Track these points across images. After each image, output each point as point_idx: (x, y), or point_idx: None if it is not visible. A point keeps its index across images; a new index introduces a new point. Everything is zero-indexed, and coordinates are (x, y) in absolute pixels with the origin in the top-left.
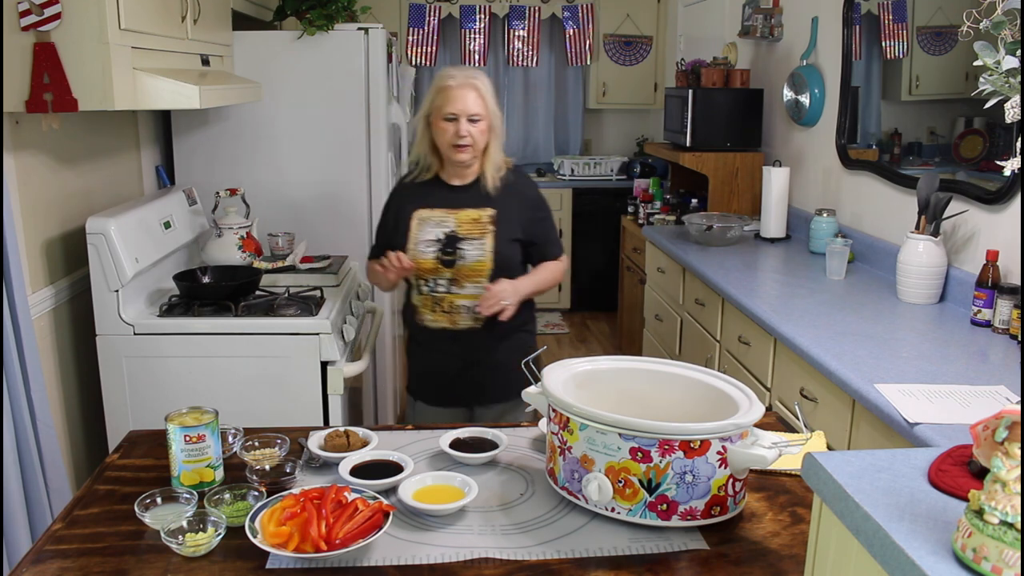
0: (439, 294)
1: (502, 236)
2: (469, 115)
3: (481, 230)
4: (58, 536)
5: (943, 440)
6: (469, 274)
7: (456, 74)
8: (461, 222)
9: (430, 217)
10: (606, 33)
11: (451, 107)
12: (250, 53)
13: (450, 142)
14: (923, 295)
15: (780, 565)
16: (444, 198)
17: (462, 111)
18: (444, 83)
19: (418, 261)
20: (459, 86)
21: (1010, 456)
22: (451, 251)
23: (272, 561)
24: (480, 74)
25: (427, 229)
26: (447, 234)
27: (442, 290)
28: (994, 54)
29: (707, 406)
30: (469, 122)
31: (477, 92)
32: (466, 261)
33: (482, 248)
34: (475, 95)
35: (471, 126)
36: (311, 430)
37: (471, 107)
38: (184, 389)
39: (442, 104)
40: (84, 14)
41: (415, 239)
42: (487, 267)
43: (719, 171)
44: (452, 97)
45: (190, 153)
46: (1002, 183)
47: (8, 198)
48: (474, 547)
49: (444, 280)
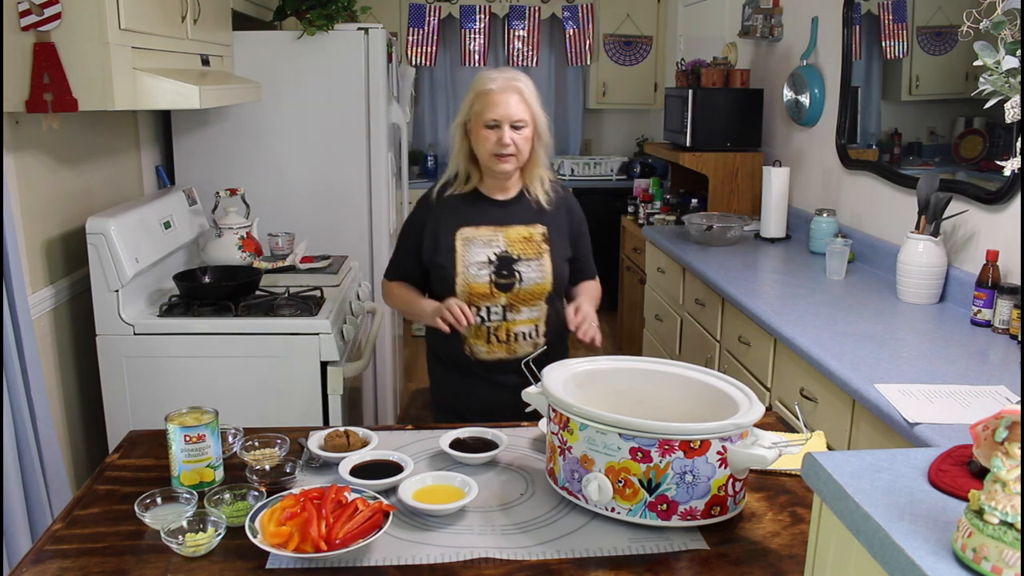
0: (494, 323)
1: (557, 254)
2: (513, 121)
3: (536, 249)
4: (58, 536)
5: (943, 440)
6: (527, 298)
7: (497, 76)
8: (511, 241)
9: (476, 236)
10: (606, 33)
11: (492, 113)
12: (250, 53)
13: (491, 151)
14: (923, 295)
15: (780, 565)
16: (489, 214)
17: (504, 117)
18: (484, 87)
19: (471, 286)
20: (501, 90)
21: (1010, 456)
22: (507, 274)
23: (272, 561)
24: (523, 75)
25: (475, 250)
26: (499, 255)
27: (497, 318)
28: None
29: (707, 406)
30: (513, 129)
31: (520, 96)
32: (524, 284)
33: (540, 269)
34: (518, 99)
35: (515, 133)
36: (311, 430)
37: (514, 112)
38: (184, 389)
39: (482, 110)
40: (84, 14)
41: (463, 261)
42: (546, 289)
43: (719, 171)
44: (493, 102)
45: (190, 153)
46: (1002, 183)
47: (8, 198)
48: (474, 547)
49: (499, 307)
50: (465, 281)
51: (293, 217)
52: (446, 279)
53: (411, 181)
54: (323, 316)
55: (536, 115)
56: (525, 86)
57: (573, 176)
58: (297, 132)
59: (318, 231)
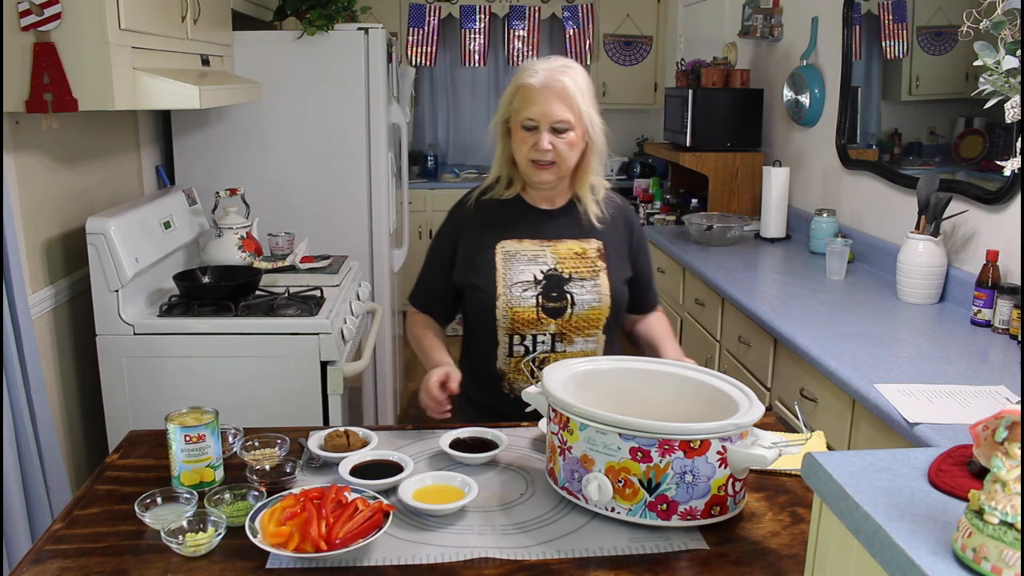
0: (540, 354)
1: (616, 274)
2: (553, 122)
3: (590, 267)
4: (58, 536)
5: (943, 440)
6: (581, 326)
7: (540, 69)
8: (562, 257)
9: (519, 251)
10: (606, 33)
11: (529, 111)
12: (250, 53)
13: (528, 157)
14: (923, 295)
15: (780, 565)
16: (534, 226)
17: (543, 117)
18: (523, 80)
19: (515, 311)
20: (542, 85)
21: (1010, 456)
22: (557, 296)
23: (272, 561)
24: (573, 67)
25: (518, 267)
26: (547, 273)
27: (544, 349)
28: (994, 54)
29: (707, 406)
30: (553, 132)
31: (565, 93)
32: (578, 309)
33: (597, 291)
34: (562, 96)
35: (556, 137)
36: (311, 430)
37: (555, 112)
38: (184, 389)
39: (520, 107)
40: (84, 14)
41: (505, 280)
42: (604, 315)
43: (719, 171)
44: (532, 98)
45: (190, 153)
46: (1002, 183)
47: (8, 198)
48: (474, 547)
49: (547, 336)
50: (508, 305)
51: (293, 217)
52: (484, 303)
53: (411, 181)
54: (323, 316)
55: (585, 116)
56: (573, 81)
57: None
58: (297, 132)
59: (318, 231)
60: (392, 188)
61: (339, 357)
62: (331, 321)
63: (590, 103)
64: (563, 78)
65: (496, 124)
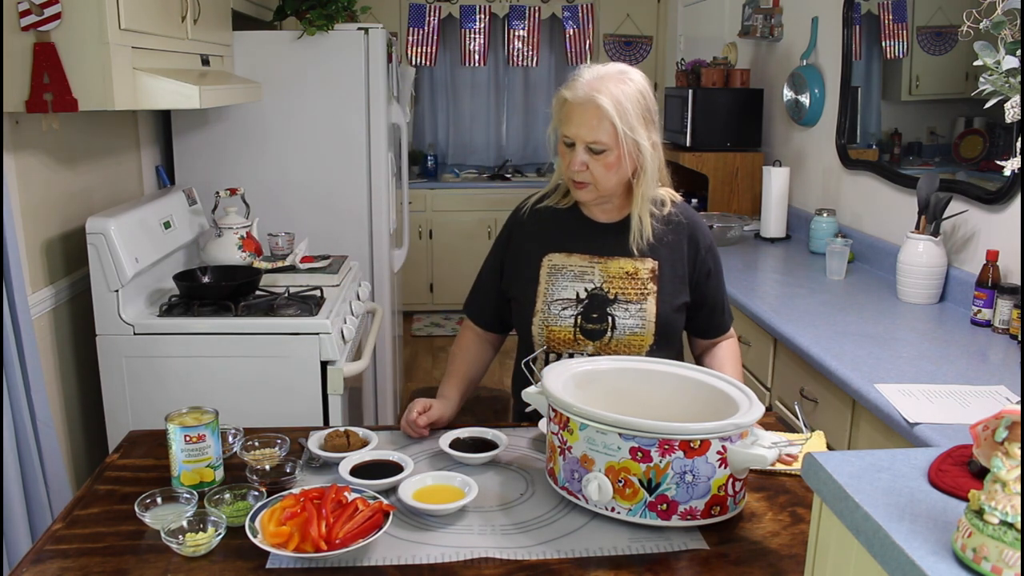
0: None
1: (667, 300)
2: (587, 143)
3: (639, 290)
4: (58, 536)
5: (943, 440)
6: (620, 350)
7: (583, 80)
8: (611, 276)
9: (566, 266)
10: (606, 33)
11: (565, 128)
12: (250, 53)
13: (567, 174)
14: (923, 295)
15: (780, 565)
16: (586, 240)
17: (577, 136)
18: (565, 93)
19: (551, 329)
20: (578, 102)
21: (1010, 456)
22: (598, 317)
23: (272, 561)
24: (615, 82)
25: (562, 283)
26: (591, 292)
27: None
28: (994, 54)
29: (707, 406)
30: (589, 152)
31: (599, 112)
32: (619, 333)
33: (641, 316)
34: (599, 116)
35: (592, 158)
36: (311, 430)
37: (589, 134)
38: (184, 389)
39: (560, 122)
40: (84, 14)
41: (546, 295)
42: (647, 342)
43: (719, 171)
44: (568, 115)
45: (190, 153)
46: (1002, 183)
47: (8, 198)
48: (474, 547)
49: (584, 356)
50: (544, 322)
51: (293, 217)
52: (523, 317)
53: (411, 181)
54: (323, 316)
55: (624, 138)
56: (611, 99)
57: None
58: (297, 132)
59: (318, 231)
60: (392, 188)
61: (339, 357)
62: (331, 321)
63: (636, 123)
64: (600, 97)
65: (553, 130)
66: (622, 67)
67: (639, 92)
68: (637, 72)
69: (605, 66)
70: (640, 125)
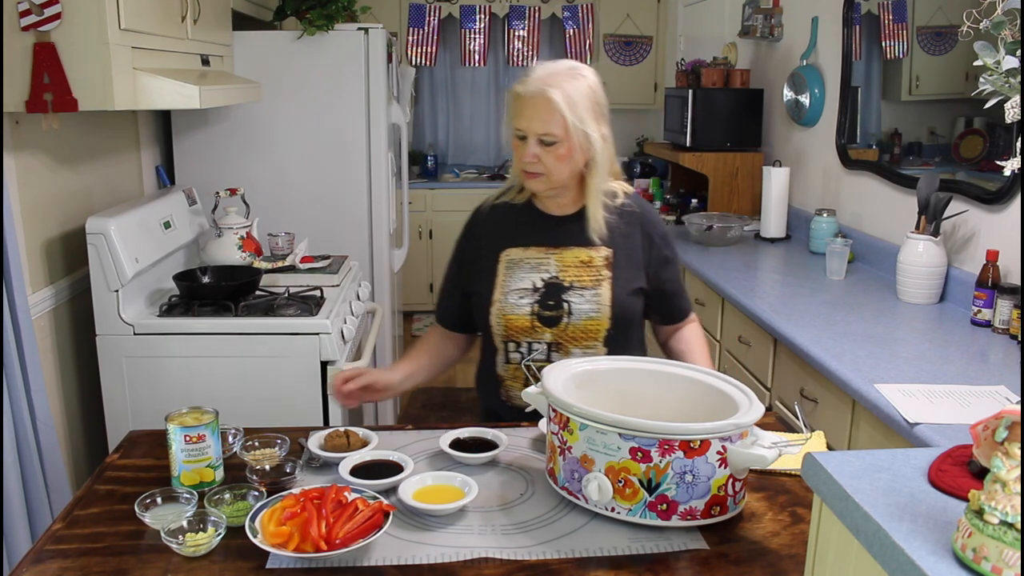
0: (536, 363)
1: (622, 285)
2: (538, 135)
3: (594, 277)
4: (58, 536)
5: (943, 440)
6: (578, 336)
7: (535, 76)
8: (566, 265)
9: (524, 259)
10: (606, 33)
11: (517, 122)
12: (250, 53)
13: (520, 165)
14: (923, 295)
15: (780, 565)
16: (541, 232)
17: (529, 129)
18: (517, 88)
19: (508, 318)
20: (529, 95)
21: (1010, 456)
22: (554, 304)
23: (272, 561)
24: (567, 77)
25: (519, 274)
26: (547, 281)
27: (539, 357)
28: (994, 54)
29: (707, 406)
30: (541, 144)
31: (551, 106)
32: (574, 318)
33: (596, 301)
34: (549, 108)
35: (543, 150)
36: (311, 430)
37: (540, 126)
38: (184, 389)
39: (512, 116)
40: (84, 14)
41: (503, 286)
42: (603, 326)
43: (719, 171)
44: (520, 108)
45: (190, 153)
46: (1002, 183)
47: (8, 198)
48: (474, 547)
49: (542, 344)
50: (501, 312)
51: (293, 217)
52: (481, 308)
53: (411, 181)
54: (323, 316)
55: (574, 129)
56: (563, 94)
57: None
58: (297, 132)
59: (318, 231)
60: (392, 188)
61: (339, 357)
62: (331, 321)
63: (586, 115)
64: (552, 91)
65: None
66: (573, 63)
67: (589, 87)
68: (588, 69)
69: (556, 63)
70: (590, 118)
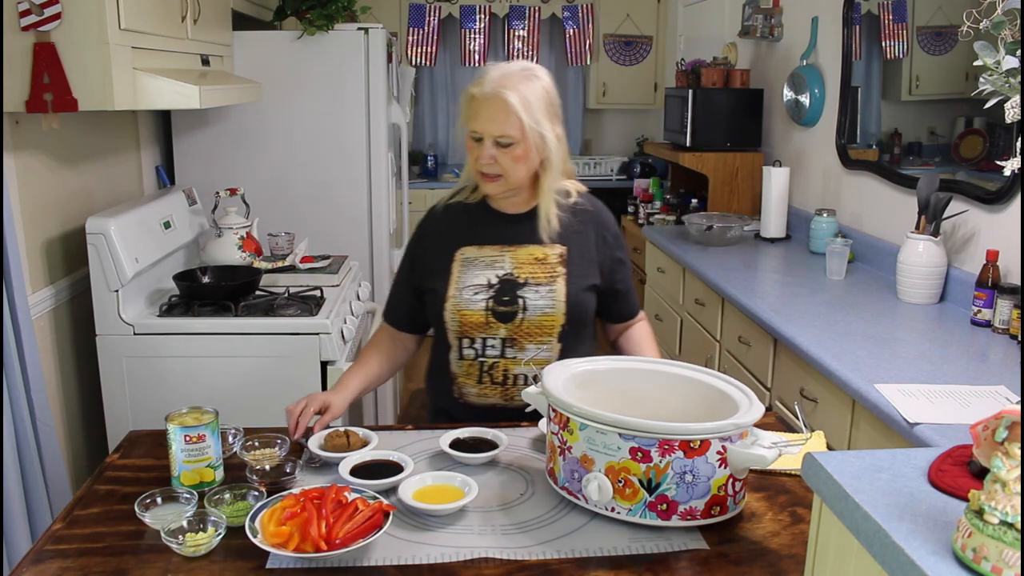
0: (489, 359)
1: (576, 281)
2: (495, 137)
3: (549, 273)
4: (58, 536)
5: (943, 440)
6: (533, 331)
7: (487, 79)
8: (520, 262)
9: (478, 257)
10: (606, 33)
11: (473, 124)
12: (250, 53)
13: (476, 167)
14: (923, 295)
15: (780, 565)
16: (496, 231)
17: (485, 132)
18: (472, 89)
19: (462, 313)
20: (485, 97)
21: (1010, 456)
22: (509, 300)
23: (272, 561)
24: (521, 79)
25: (474, 272)
26: (502, 278)
27: (493, 353)
28: (994, 54)
29: (707, 406)
30: (497, 146)
31: (507, 108)
32: (529, 314)
33: (551, 297)
34: (506, 110)
35: (500, 151)
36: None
37: (496, 128)
38: (184, 389)
39: (467, 118)
40: (84, 14)
41: (457, 284)
42: (558, 322)
43: (719, 171)
44: (476, 110)
45: (190, 153)
46: (1002, 183)
47: (8, 198)
48: (474, 547)
49: (496, 340)
50: (456, 307)
51: (293, 217)
52: (435, 306)
53: (411, 181)
54: (323, 316)
55: (530, 131)
56: (519, 95)
57: None
58: (297, 132)
59: (318, 231)
60: (392, 188)
61: (339, 357)
62: (331, 321)
63: (541, 116)
64: (508, 93)
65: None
66: (526, 64)
67: (544, 88)
68: (542, 69)
69: (510, 64)
70: (545, 119)
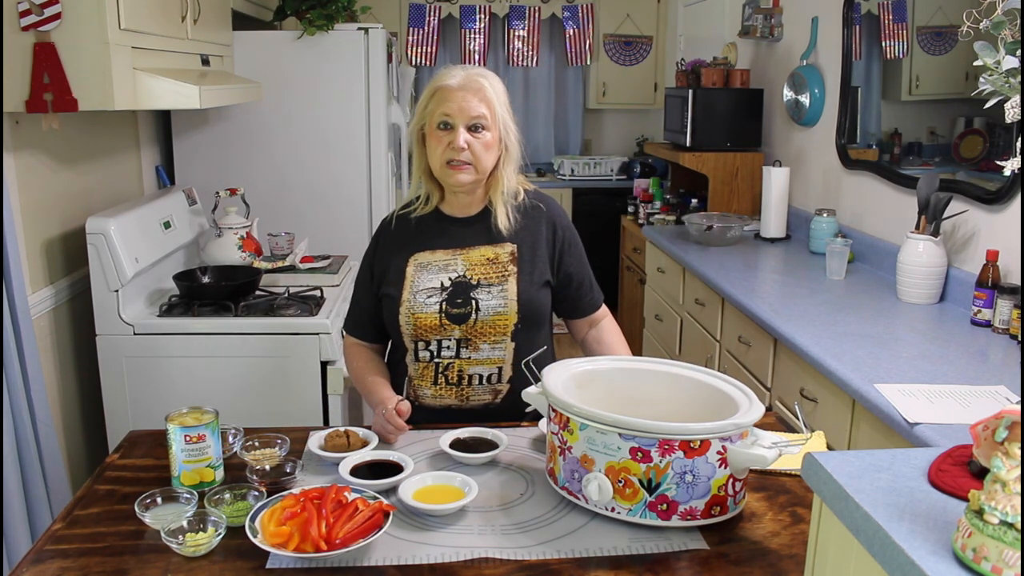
0: (444, 360)
1: (527, 279)
2: (470, 120)
3: (500, 273)
4: (58, 536)
5: (943, 440)
6: (487, 332)
7: (458, 72)
8: (472, 264)
9: (432, 262)
10: (606, 33)
11: (446, 107)
12: (250, 53)
13: (444, 157)
14: (923, 295)
15: (780, 565)
16: (448, 236)
17: (459, 112)
18: (440, 82)
19: (416, 317)
20: (459, 86)
21: (1010, 456)
22: (462, 302)
23: (272, 561)
24: (489, 73)
25: (427, 276)
26: (455, 280)
27: (448, 354)
28: (994, 54)
29: (707, 406)
30: (470, 131)
31: (482, 92)
32: (482, 314)
33: (503, 296)
34: (480, 95)
35: (472, 136)
36: (311, 430)
37: (473, 108)
38: (184, 389)
39: (436, 107)
40: (84, 14)
41: (411, 288)
42: (511, 320)
43: (719, 171)
44: (449, 97)
45: (190, 153)
46: (1002, 183)
47: (8, 198)
48: (474, 547)
49: (451, 341)
50: (410, 311)
51: (293, 217)
52: (391, 310)
53: None
54: (323, 316)
55: (500, 119)
56: (491, 86)
57: (573, 176)
58: (297, 132)
59: (318, 231)
60: (392, 188)
61: (339, 357)
62: (331, 321)
63: (505, 109)
64: (481, 81)
65: (412, 132)
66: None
67: (503, 88)
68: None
69: (471, 66)
70: (508, 113)
